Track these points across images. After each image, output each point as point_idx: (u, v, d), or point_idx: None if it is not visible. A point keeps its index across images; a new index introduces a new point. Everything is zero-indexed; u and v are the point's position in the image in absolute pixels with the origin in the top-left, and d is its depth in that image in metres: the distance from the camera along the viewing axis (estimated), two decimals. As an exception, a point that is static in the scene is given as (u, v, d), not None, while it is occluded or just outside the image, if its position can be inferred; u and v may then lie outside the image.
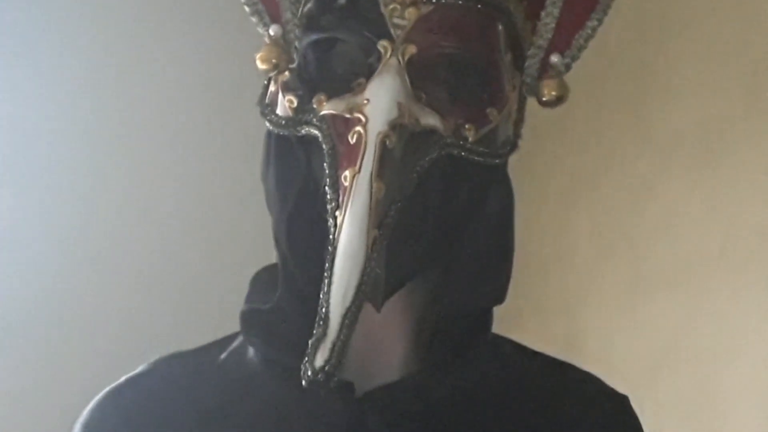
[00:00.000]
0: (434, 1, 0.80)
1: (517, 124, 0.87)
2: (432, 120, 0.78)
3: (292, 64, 0.82)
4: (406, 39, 0.79)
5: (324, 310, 0.71)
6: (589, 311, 2.52)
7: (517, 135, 0.86)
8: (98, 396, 0.89)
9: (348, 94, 0.79)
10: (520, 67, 0.86)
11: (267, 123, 0.85)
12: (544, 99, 0.85)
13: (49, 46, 2.45)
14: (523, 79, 0.86)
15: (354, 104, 0.78)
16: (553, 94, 0.84)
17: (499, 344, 0.90)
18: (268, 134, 0.86)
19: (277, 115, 0.84)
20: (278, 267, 0.85)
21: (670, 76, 2.38)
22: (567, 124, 2.62)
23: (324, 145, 0.78)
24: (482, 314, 0.87)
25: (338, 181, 0.75)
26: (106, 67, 2.50)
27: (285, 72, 0.83)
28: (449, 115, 0.79)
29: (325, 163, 0.77)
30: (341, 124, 0.78)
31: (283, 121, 0.82)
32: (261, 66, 0.81)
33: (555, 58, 0.85)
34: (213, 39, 2.47)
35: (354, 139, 0.76)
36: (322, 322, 0.71)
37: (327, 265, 0.73)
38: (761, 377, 2.02)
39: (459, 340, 0.84)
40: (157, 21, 2.55)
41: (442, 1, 0.80)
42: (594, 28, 0.86)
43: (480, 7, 0.82)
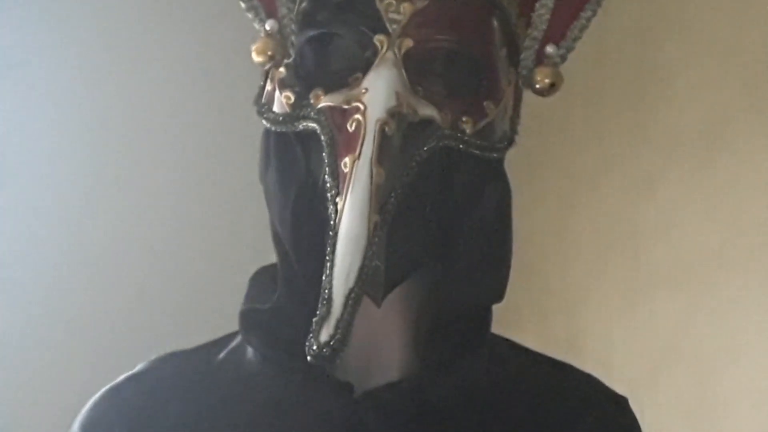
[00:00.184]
0: None
1: (514, 120, 0.87)
2: (430, 111, 0.78)
3: (288, 60, 0.82)
4: (402, 33, 0.79)
5: (327, 291, 0.71)
6: (589, 311, 2.51)
7: (514, 131, 0.86)
8: (97, 395, 0.89)
9: (345, 88, 0.79)
10: (515, 62, 0.86)
11: (264, 121, 0.84)
12: (537, 86, 0.85)
13: (49, 46, 2.45)
14: (519, 72, 0.86)
15: (351, 96, 0.78)
16: (546, 81, 0.85)
17: (498, 344, 0.90)
18: (266, 133, 0.86)
19: (274, 112, 0.83)
20: (278, 266, 0.85)
21: (670, 76, 2.38)
22: (567, 124, 2.62)
23: (322, 136, 0.78)
24: (481, 313, 0.87)
25: (338, 169, 0.75)
26: (105, 67, 2.49)
27: (281, 68, 0.83)
28: (446, 108, 0.79)
29: (324, 153, 0.77)
30: (339, 115, 0.78)
31: (281, 118, 0.82)
32: (256, 58, 0.81)
33: (550, 49, 0.85)
34: (212, 37, 2.47)
35: (353, 127, 0.76)
36: (326, 302, 0.71)
37: (328, 249, 0.72)
38: (761, 377, 2.02)
39: (459, 339, 0.83)
40: (156, 18, 2.55)
41: None
42: (588, 19, 0.86)
43: (474, 2, 0.82)
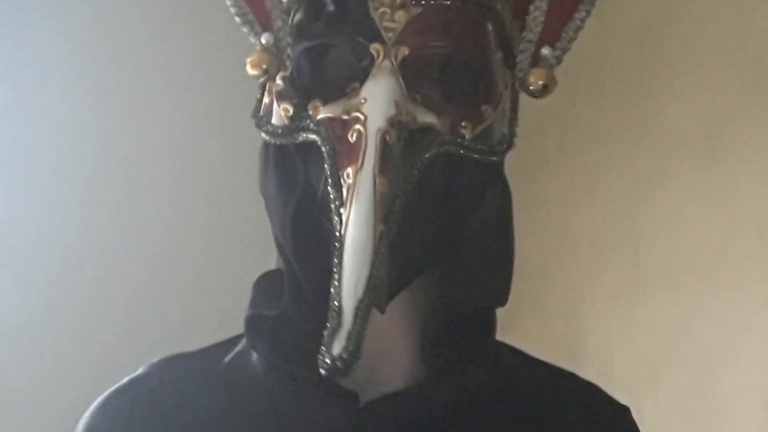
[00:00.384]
0: (423, 3, 0.80)
1: (512, 123, 0.87)
2: (429, 118, 0.78)
3: (285, 72, 0.82)
4: (398, 41, 0.79)
5: (336, 303, 0.71)
6: (589, 311, 2.51)
7: (512, 133, 0.87)
8: (101, 397, 0.89)
9: (343, 98, 0.79)
10: (511, 65, 0.86)
11: (263, 134, 0.85)
12: (531, 87, 0.86)
13: (49, 47, 2.45)
14: (515, 74, 0.86)
15: (351, 106, 0.78)
16: (539, 82, 0.85)
17: (502, 352, 0.91)
18: (265, 144, 0.86)
19: (273, 125, 0.83)
20: (284, 274, 0.85)
21: (670, 76, 2.38)
22: (567, 124, 2.62)
23: (323, 147, 0.78)
24: (486, 317, 0.87)
25: (340, 180, 0.75)
26: (107, 70, 2.50)
27: (278, 80, 0.83)
28: (445, 114, 0.79)
29: (326, 164, 0.77)
30: (339, 126, 0.78)
31: (280, 130, 0.82)
32: (251, 71, 0.82)
33: (546, 51, 0.86)
34: (214, 41, 2.47)
35: (354, 138, 0.76)
36: (336, 314, 0.71)
37: (335, 260, 0.73)
38: (761, 377, 2.02)
39: (464, 344, 0.84)
40: (158, 20, 2.55)
41: (431, 3, 0.81)
42: (582, 19, 0.87)
43: (468, 7, 0.82)
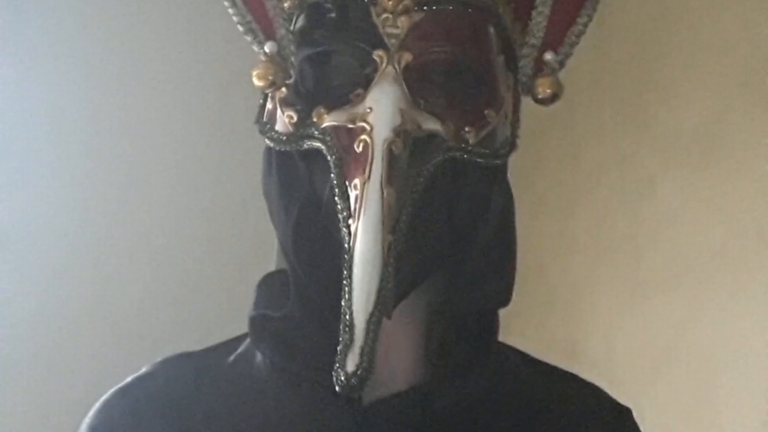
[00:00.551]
0: (425, 8, 0.81)
1: (514, 125, 0.87)
2: (433, 125, 0.79)
3: (289, 80, 0.82)
4: (401, 47, 0.79)
5: (348, 317, 0.73)
6: (589, 312, 2.51)
7: (515, 135, 0.87)
8: (105, 396, 0.89)
9: (347, 105, 0.79)
10: (513, 67, 0.87)
11: (267, 140, 0.85)
12: (539, 97, 0.86)
13: (48, 48, 2.45)
14: (518, 79, 0.87)
15: (356, 114, 0.78)
16: (548, 91, 0.86)
17: (505, 354, 0.91)
18: (268, 149, 0.86)
19: (277, 131, 0.84)
20: (289, 276, 0.85)
21: (670, 76, 2.38)
22: (567, 125, 2.62)
23: (329, 156, 0.78)
24: (489, 317, 0.87)
25: (347, 191, 0.76)
26: (107, 70, 2.50)
27: (282, 88, 0.83)
28: (449, 119, 0.80)
29: (333, 174, 0.78)
30: (345, 135, 0.78)
31: (284, 137, 0.83)
32: (257, 83, 0.82)
33: (549, 56, 0.86)
34: (215, 41, 2.47)
35: (360, 148, 0.76)
36: (348, 329, 0.72)
37: (345, 273, 0.74)
38: (761, 377, 2.02)
39: (468, 345, 0.84)
40: (161, 25, 2.55)
41: (434, 8, 0.81)
42: (585, 24, 0.87)
43: (470, 11, 0.82)
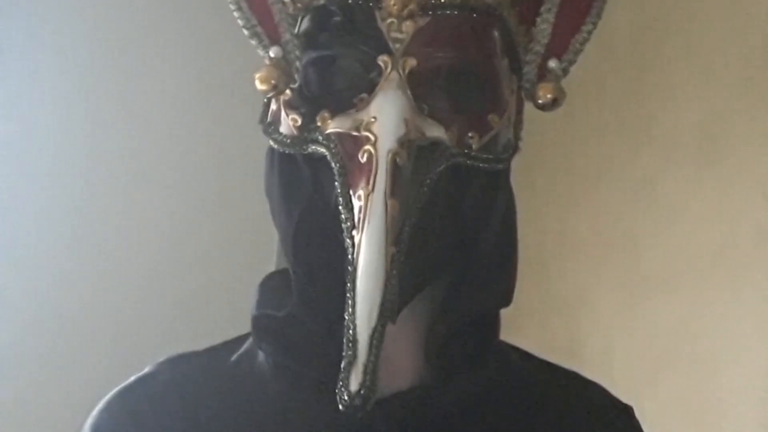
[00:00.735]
0: (430, 13, 0.81)
1: (517, 127, 0.87)
2: (437, 132, 0.79)
3: (294, 84, 0.82)
4: (406, 52, 0.79)
5: (351, 332, 0.73)
6: (589, 312, 2.51)
7: (517, 138, 0.87)
8: (108, 396, 0.89)
9: (352, 110, 0.79)
10: (517, 71, 0.86)
11: (271, 142, 0.85)
12: (540, 102, 0.86)
13: (49, 49, 2.45)
14: (521, 84, 0.86)
15: (360, 122, 0.78)
16: (549, 96, 0.85)
17: (506, 352, 0.91)
18: (271, 149, 0.86)
19: (281, 133, 0.84)
20: (291, 276, 0.85)
21: (670, 76, 2.38)
22: (567, 125, 2.62)
23: (333, 164, 0.78)
24: (490, 318, 0.87)
25: (351, 201, 0.76)
26: (111, 72, 2.50)
27: (286, 91, 0.83)
28: (452, 125, 0.80)
29: (336, 182, 0.78)
30: (349, 143, 0.78)
31: (288, 140, 0.83)
32: (260, 87, 0.81)
33: (553, 64, 0.86)
34: (217, 41, 2.47)
35: (365, 158, 0.76)
36: (351, 345, 0.73)
37: (348, 285, 0.74)
38: (761, 377, 2.02)
39: (470, 346, 0.84)
40: (162, 25, 2.55)
41: (438, 13, 0.81)
42: (590, 32, 0.87)
43: (475, 16, 0.82)
